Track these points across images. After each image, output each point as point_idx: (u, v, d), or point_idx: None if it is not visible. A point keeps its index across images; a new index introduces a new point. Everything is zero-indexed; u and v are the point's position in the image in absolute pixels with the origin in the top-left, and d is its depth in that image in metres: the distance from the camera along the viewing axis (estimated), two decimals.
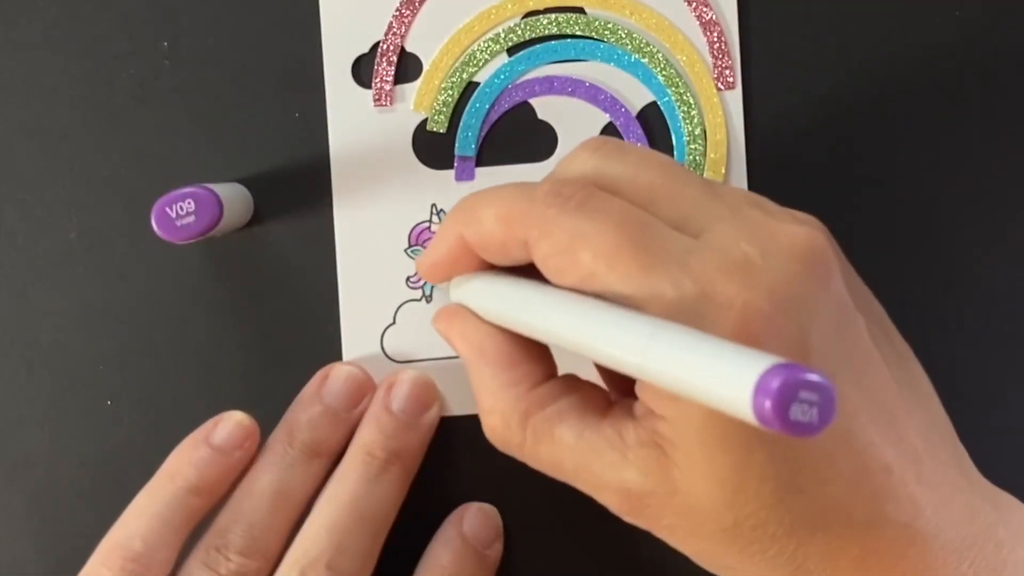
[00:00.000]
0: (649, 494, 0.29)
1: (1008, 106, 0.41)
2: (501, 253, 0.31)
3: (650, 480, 0.28)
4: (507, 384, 0.31)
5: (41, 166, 0.41)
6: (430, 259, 0.34)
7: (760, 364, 0.22)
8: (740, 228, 0.28)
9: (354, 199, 0.41)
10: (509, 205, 0.30)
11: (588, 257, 0.28)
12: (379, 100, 0.41)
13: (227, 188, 0.39)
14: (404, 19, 0.41)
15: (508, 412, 0.31)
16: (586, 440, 0.30)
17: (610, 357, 0.27)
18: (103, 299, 0.41)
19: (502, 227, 0.30)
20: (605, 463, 0.29)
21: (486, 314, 0.32)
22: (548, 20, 0.41)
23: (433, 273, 0.34)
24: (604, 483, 0.30)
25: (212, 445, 0.38)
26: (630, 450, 0.29)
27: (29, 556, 0.41)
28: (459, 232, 0.32)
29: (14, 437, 0.41)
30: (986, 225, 0.41)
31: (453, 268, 0.33)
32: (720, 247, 0.28)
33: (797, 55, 0.41)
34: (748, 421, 0.22)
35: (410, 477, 0.39)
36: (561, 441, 0.30)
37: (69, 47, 0.41)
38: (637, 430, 0.29)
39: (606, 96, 0.40)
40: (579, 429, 0.30)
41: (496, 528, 0.40)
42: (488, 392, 0.32)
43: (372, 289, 0.41)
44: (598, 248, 0.28)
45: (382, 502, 0.38)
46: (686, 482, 0.28)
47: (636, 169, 0.30)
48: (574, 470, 0.30)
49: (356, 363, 0.40)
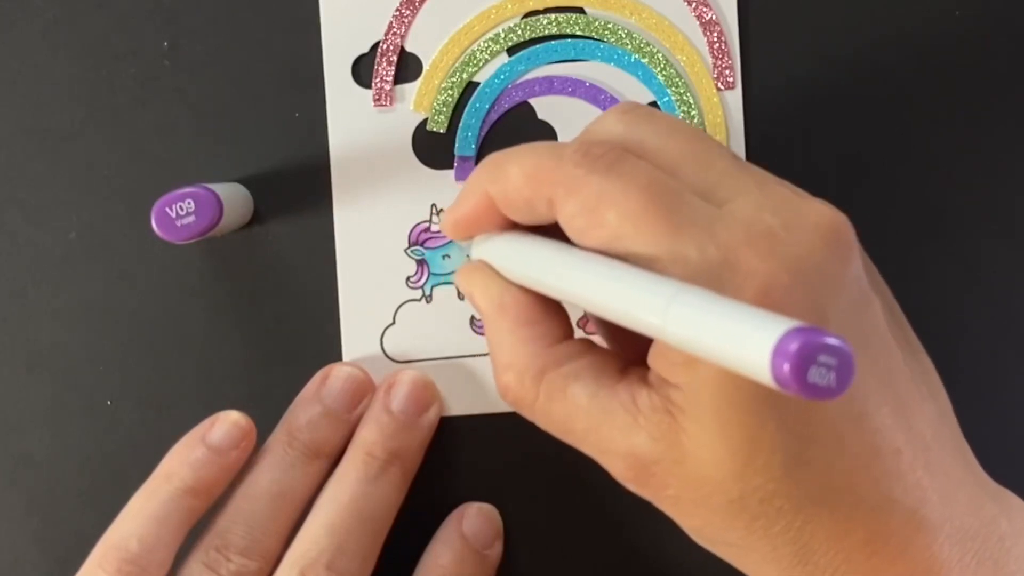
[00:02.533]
0: (657, 461, 0.29)
1: (1008, 106, 0.41)
2: (526, 210, 0.31)
3: (659, 446, 0.28)
4: (525, 340, 0.31)
5: (41, 166, 0.41)
6: (454, 215, 0.33)
7: (780, 327, 0.22)
8: (766, 201, 0.28)
9: (354, 199, 0.41)
10: (537, 162, 0.30)
11: (613, 217, 0.28)
12: (379, 100, 0.41)
13: (227, 188, 0.39)
14: (404, 19, 0.41)
15: (524, 368, 0.31)
16: (599, 401, 0.30)
17: (631, 317, 0.27)
18: (103, 299, 0.41)
19: (529, 184, 0.30)
20: (616, 426, 0.29)
21: (508, 272, 0.32)
22: (548, 20, 0.41)
23: (456, 229, 0.34)
24: (612, 447, 0.30)
25: (208, 445, 0.37)
26: (642, 415, 0.29)
27: (29, 556, 0.41)
28: (485, 188, 0.32)
29: (14, 437, 0.41)
30: (987, 224, 0.41)
31: (477, 225, 0.33)
32: (745, 217, 0.28)
33: (797, 55, 0.41)
34: (766, 383, 0.22)
35: (410, 477, 0.39)
36: (574, 400, 0.30)
37: (69, 47, 0.41)
38: (650, 396, 0.29)
39: (606, 96, 0.40)
40: (593, 390, 0.30)
41: (496, 528, 0.40)
42: (505, 348, 0.32)
43: (372, 289, 0.41)
44: (624, 209, 0.28)
45: (381, 502, 0.38)
46: (696, 450, 0.28)
47: (665, 135, 0.30)
48: (584, 431, 0.30)
49: (356, 364, 0.40)
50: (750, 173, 0.29)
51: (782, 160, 0.40)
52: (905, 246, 0.41)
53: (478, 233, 0.34)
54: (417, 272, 0.41)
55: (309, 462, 0.38)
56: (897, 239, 0.40)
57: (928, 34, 0.41)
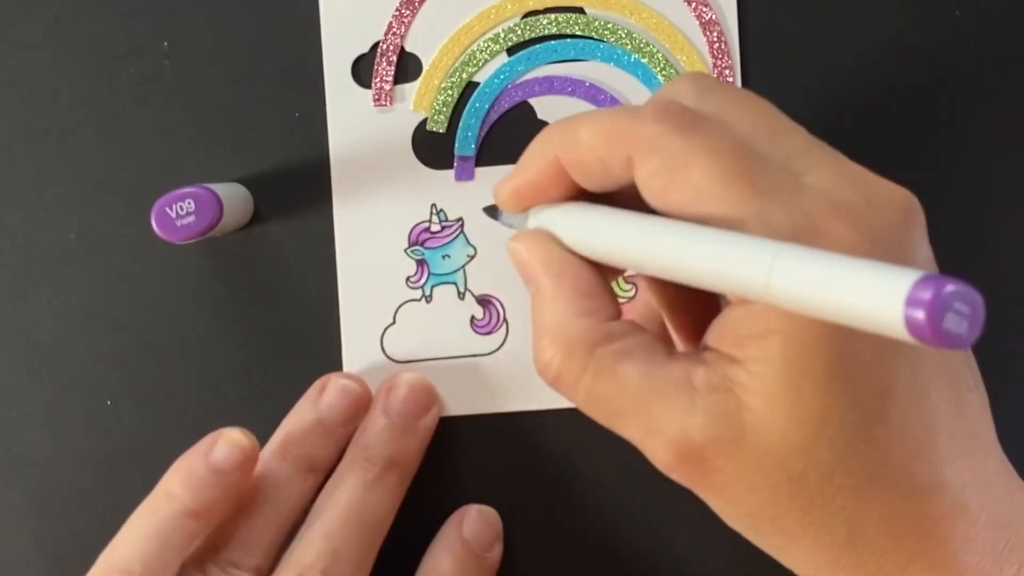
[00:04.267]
0: (713, 442, 0.28)
1: (1008, 106, 0.41)
2: (599, 172, 0.30)
3: (717, 426, 0.27)
4: (581, 312, 0.30)
5: (41, 166, 0.41)
6: (514, 182, 0.32)
7: (910, 276, 0.22)
8: (844, 175, 0.28)
9: (354, 199, 0.41)
10: (613, 121, 0.29)
11: (700, 176, 0.27)
12: (379, 100, 0.41)
13: (227, 188, 0.39)
14: (404, 19, 0.41)
15: (575, 341, 0.29)
16: (652, 380, 0.28)
17: (728, 278, 0.26)
18: (103, 299, 0.41)
19: (605, 143, 0.29)
20: (669, 406, 0.28)
21: (573, 241, 0.31)
22: (548, 20, 0.41)
23: (516, 198, 0.32)
24: (662, 428, 0.28)
25: (210, 465, 0.37)
26: (699, 393, 0.28)
27: (29, 556, 0.41)
28: (553, 152, 0.31)
29: (14, 437, 0.41)
30: (987, 224, 0.41)
31: (538, 192, 0.32)
32: (827, 188, 0.27)
33: (796, 55, 0.41)
34: (896, 334, 0.22)
35: (407, 482, 0.39)
36: (624, 378, 0.29)
37: (69, 47, 0.41)
38: (708, 374, 0.28)
39: (606, 96, 0.40)
40: (646, 368, 0.29)
41: (496, 531, 0.40)
42: (557, 318, 0.30)
43: (372, 289, 0.41)
44: (711, 168, 0.27)
45: (379, 508, 0.38)
46: (760, 427, 0.27)
47: (739, 106, 0.30)
48: (632, 411, 0.29)
49: (353, 375, 0.40)
50: (825, 148, 0.29)
51: None
52: None
53: (537, 202, 0.32)
54: (417, 272, 0.41)
55: (303, 477, 0.38)
56: None
57: (928, 34, 0.41)
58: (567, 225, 0.31)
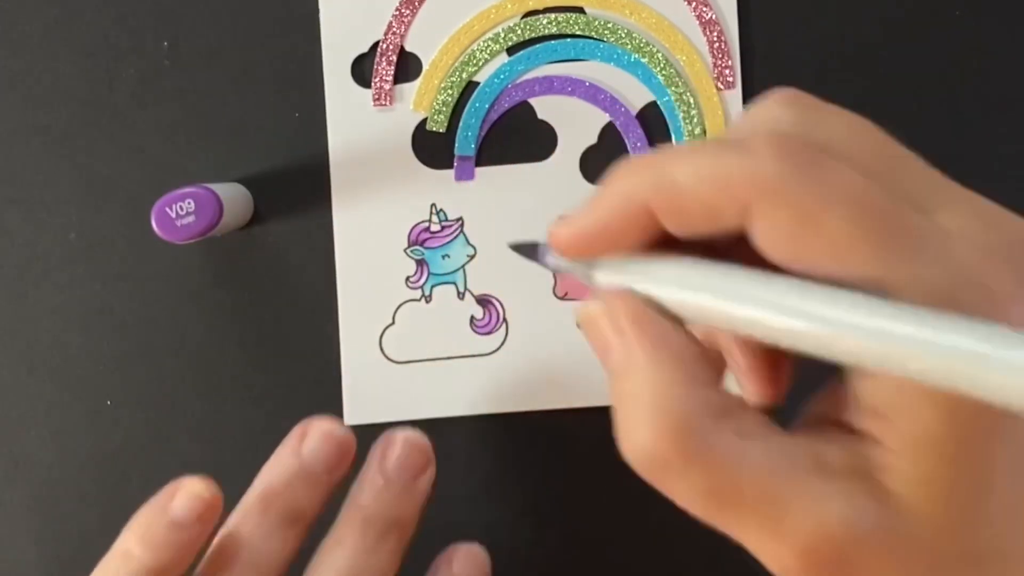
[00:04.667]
0: (857, 537, 0.23)
1: (1008, 106, 0.40)
2: (703, 221, 0.25)
3: (864, 515, 0.23)
4: (696, 381, 0.25)
5: (41, 166, 0.41)
6: (582, 224, 0.26)
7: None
8: (979, 213, 0.25)
9: (353, 199, 0.41)
10: (721, 162, 0.24)
11: (837, 229, 0.23)
12: (378, 100, 0.41)
13: (227, 188, 0.39)
14: (404, 19, 0.41)
15: (692, 416, 0.24)
16: (779, 462, 0.24)
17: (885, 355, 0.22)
18: (103, 299, 0.41)
19: (713, 189, 0.24)
20: (802, 492, 0.23)
21: (676, 304, 0.26)
22: (548, 20, 0.41)
23: (581, 243, 0.27)
24: (792, 519, 0.23)
25: (170, 519, 0.34)
26: (836, 479, 0.23)
27: (29, 556, 0.41)
28: (641, 193, 0.25)
29: (14, 437, 0.41)
30: None
31: (612, 240, 0.26)
32: (972, 236, 0.24)
33: (796, 54, 0.41)
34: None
35: (407, 542, 0.37)
36: (748, 461, 0.24)
37: (69, 47, 0.41)
38: (843, 454, 0.24)
39: (606, 96, 0.40)
40: (770, 448, 0.24)
41: (484, 571, 0.38)
42: (663, 388, 0.25)
43: (371, 289, 0.41)
44: (851, 219, 0.23)
45: (379, 572, 0.36)
46: (908, 511, 0.23)
47: (851, 133, 0.26)
48: (754, 499, 0.24)
49: (335, 419, 0.37)
50: (949, 181, 0.26)
51: None
52: None
53: (608, 251, 0.27)
54: (416, 272, 0.41)
55: (287, 529, 0.36)
56: None
57: (928, 34, 0.41)
58: (668, 283, 0.26)
